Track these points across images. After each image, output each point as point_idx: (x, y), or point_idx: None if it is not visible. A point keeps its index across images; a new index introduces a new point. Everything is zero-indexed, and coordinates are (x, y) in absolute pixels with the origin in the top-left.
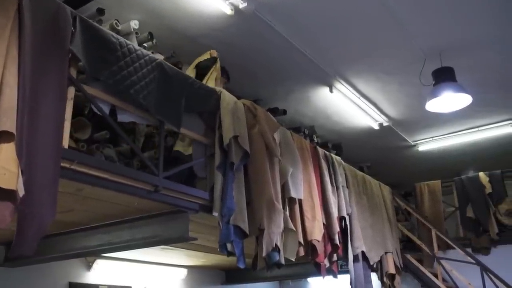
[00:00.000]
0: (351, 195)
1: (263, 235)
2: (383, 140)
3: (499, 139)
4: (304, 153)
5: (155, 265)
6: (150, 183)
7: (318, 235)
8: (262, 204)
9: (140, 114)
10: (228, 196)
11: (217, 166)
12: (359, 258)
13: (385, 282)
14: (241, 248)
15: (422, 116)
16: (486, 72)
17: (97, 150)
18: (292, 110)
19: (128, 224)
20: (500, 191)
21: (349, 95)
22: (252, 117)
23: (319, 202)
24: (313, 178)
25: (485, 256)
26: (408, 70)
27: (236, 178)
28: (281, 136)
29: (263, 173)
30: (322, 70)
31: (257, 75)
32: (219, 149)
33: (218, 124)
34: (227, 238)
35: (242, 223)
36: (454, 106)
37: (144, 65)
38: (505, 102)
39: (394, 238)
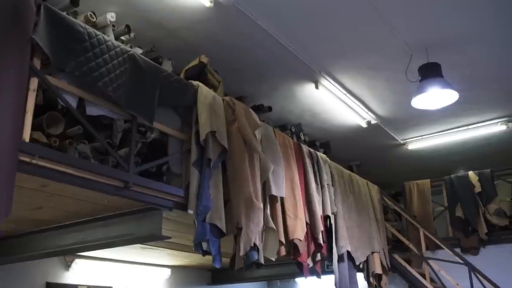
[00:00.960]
0: (336, 193)
1: (241, 233)
2: (372, 138)
3: (489, 137)
4: (287, 151)
5: (137, 264)
6: (120, 179)
7: (300, 234)
8: (240, 202)
9: (111, 107)
10: (204, 193)
11: (193, 162)
12: (344, 258)
13: (372, 282)
14: (217, 247)
15: (410, 114)
16: (474, 69)
17: (70, 146)
18: (278, 107)
19: (102, 222)
20: (490, 190)
21: (335, 91)
22: (232, 113)
23: (303, 200)
24: (296, 176)
25: (474, 257)
26: (394, 66)
27: (213, 175)
28: (263, 133)
29: (242, 170)
30: (306, 66)
31: (241, 71)
32: (195, 144)
33: (195, 119)
34: (203, 236)
35: (218, 221)
36: (441, 103)
37: (114, 56)
38: (494, 99)
39: (381, 238)
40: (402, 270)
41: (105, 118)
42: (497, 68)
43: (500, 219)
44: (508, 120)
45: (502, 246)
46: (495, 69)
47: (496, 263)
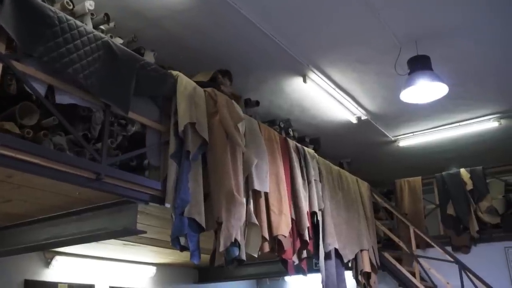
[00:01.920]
0: (324, 189)
1: (221, 228)
2: (363, 135)
3: (481, 134)
4: (273, 145)
5: (121, 262)
6: (91, 170)
7: (284, 230)
8: (221, 196)
9: (82, 95)
10: (182, 186)
11: (172, 154)
12: (332, 256)
13: (360, 280)
14: (196, 242)
15: (401, 110)
16: (465, 63)
17: (45, 137)
18: (267, 102)
19: (76, 216)
20: (482, 187)
21: (324, 86)
22: (214, 104)
23: (288, 195)
24: (282, 170)
25: (465, 255)
26: (383, 59)
27: (193, 168)
28: (247, 126)
29: (223, 163)
30: (294, 58)
31: (226, 64)
32: (174, 136)
33: (174, 110)
34: (180, 231)
35: (197, 216)
36: (430, 97)
37: (87, 43)
38: (486, 95)
39: (371, 236)
40: (392, 269)
41: (83, 110)
42: (488, 62)
43: (492, 217)
44: (501, 116)
45: (493, 245)
46: (487, 64)
47: (487, 262)
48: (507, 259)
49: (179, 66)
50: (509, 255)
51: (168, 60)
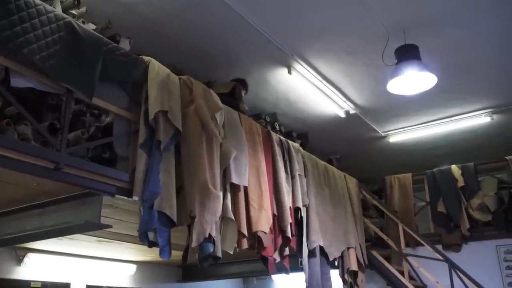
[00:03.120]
0: (309, 185)
1: (194, 223)
2: (352, 130)
3: (473, 130)
4: (254, 137)
5: (98, 260)
6: (50, 159)
7: (265, 226)
8: (195, 189)
9: (39, 78)
10: (152, 178)
11: (141, 144)
12: (316, 253)
13: (347, 279)
14: (166, 237)
15: (390, 103)
16: (455, 54)
17: (8, 126)
18: (252, 95)
19: (38, 210)
20: (473, 184)
21: (310, 77)
22: (189, 93)
23: (270, 190)
24: (263, 164)
25: (456, 254)
26: (371, 50)
27: (164, 159)
28: (226, 117)
29: (197, 155)
30: (278, 48)
31: (208, 54)
32: (144, 125)
33: (144, 97)
34: (149, 225)
35: (168, 209)
36: (418, 88)
37: (46, 22)
38: (477, 89)
39: (358, 233)
40: (380, 267)
41: (52, 98)
42: (480, 54)
43: (483, 215)
44: (493, 111)
45: (485, 243)
46: (478, 56)
47: (478, 260)
48: (499, 258)
49: (158, 55)
50: (500, 254)
51: (145, 49)
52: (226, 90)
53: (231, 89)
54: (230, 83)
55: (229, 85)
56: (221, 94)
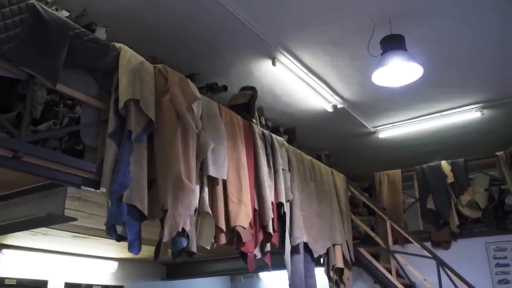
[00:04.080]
0: (294, 179)
1: (166, 217)
2: (340, 125)
3: (464, 126)
4: (235, 130)
5: (77, 256)
6: (8, 148)
7: (244, 221)
8: (168, 181)
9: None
10: (122, 169)
11: (110, 133)
12: (300, 250)
13: (332, 277)
14: (136, 231)
15: (379, 98)
16: (443, 46)
17: None
18: (236, 88)
19: (2, 202)
20: (463, 180)
21: (295, 69)
22: (164, 82)
23: (251, 184)
24: (244, 157)
25: (445, 251)
26: (357, 41)
27: (136, 150)
28: (204, 108)
29: (172, 146)
30: (261, 39)
31: (189, 44)
32: (114, 114)
33: (115, 86)
34: (117, 218)
35: (139, 202)
36: (404, 79)
37: (5, 4)
38: (467, 83)
39: (345, 230)
40: (367, 265)
41: (23, 87)
42: (468, 46)
43: (473, 211)
44: (483, 106)
45: (474, 240)
46: (467, 48)
47: (467, 258)
48: (488, 255)
49: (138, 46)
50: (490, 251)
51: (124, 39)
52: (245, 99)
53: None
54: (248, 93)
55: (247, 94)
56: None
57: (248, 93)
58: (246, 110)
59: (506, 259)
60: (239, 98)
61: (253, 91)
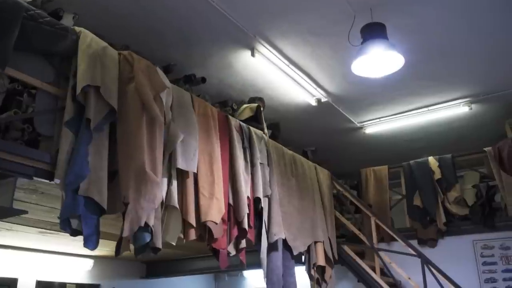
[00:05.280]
0: (273, 174)
1: (127, 210)
2: (326, 120)
3: (451, 121)
4: (208, 121)
5: (50, 254)
6: None
7: (215, 216)
8: (130, 172)
9: None
10: (78, 159)
11: (66, 122)
12: (278, 247)
13: (313, 275)
14: (93, 225)
15: (364, 91)
16: (427, 36)
17: None
18: (216, 80)
19: None
20: (450, 177)
21: (276, 61)
22: (130, 70)
23: (224, 178)
24: (218, 150)
25: (432, 249)
26: (337, 30)
27: (95, 140)
28: (175, 98)
29: (135, 136)
30: (239, 28)
31: (164, 34)
32: (71, 101)
33: (73, 71)
34: (72, 211)
35: (97, 195)
36: (385, 70)
37: None
38: (454, 76)
39: (328, 227)
40: (351, 263)
41: None
42: (454, 38)
43: (460, 208)
44: (471, 100)
45: (461, 238)
46: (452, 39)
47: (454, 256)
48: (475, 253)
49: (110, 35)
50: (477, 249)
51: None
52: (251, 113)
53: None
54: (253, 105)
55: (254, 106)
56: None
57: (254, 105)
58: (254, 120)
59: (494, 257)
60: (246, 112)
61: (260, 101)
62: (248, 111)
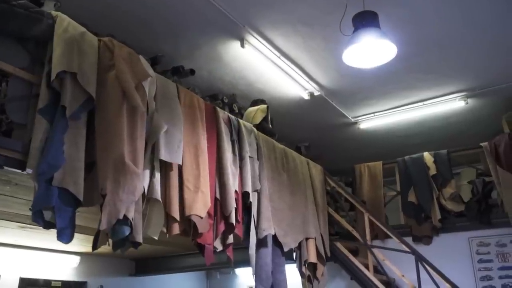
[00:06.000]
0: (263, 168)
1: (105, 202)
2: (319, 115)
3: (447, 116)
4: (195, 112)
5: (34, 250)
6: None
7: (200, 210)
8: (108, 163)
9: None
10: (53, 149)
11: (40, 109)
12: (268, 243)
13: (304, 272)
14: (68, 218)
15: (357, 84)
16: (421, 27)
17: None
18: (205, 73)
19: None
20: (446, 173)
21: (266, 52)
22: (111, 57)
23: (211, 171)
24: (204, 142)
25: (427, 246)
26: (329, 21)
27: (72, 129)
28: (159, 87)
29: (115, 126)
30: (228, 18)
31: (151, 24)
32: (46, 88)
33: (49, 57)
34: (45, 202)
35: (72, 186)
36: (377, 60)
37: None
38: (449, 69)
39: (320, 223)
40: (344, 260)
41: None
42: (448, 28)
43: (456, 204)
44: (467, 95)
45: (457, 235)
46: (447, 31)
47: (449, 253)
48: (471, 251)
49: (95, 25)
50: (473, 246)
51: (79, 16)
52: (264, 114)
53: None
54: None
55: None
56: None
57: (264, 106)
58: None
59: (489, 255)
60: (258, 114)
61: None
62: (261, 113)
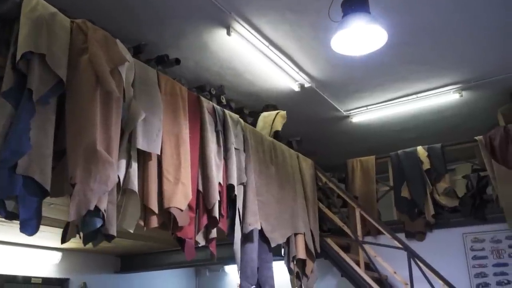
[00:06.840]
0: (249, 161)
1: (74, 192)
2: (310, 108)
3: (442, 110)
4: (177, 101)
5: (12, 246)
6: None
7: (181, 202)
8: (78, 150)
9: None
10: (16, 134)
11: (4, 92)
12: (254, 238)
13: (292, 269)
14: (33, 209)
15: (349, 75)
16: (413, 15)
17: None
18: (192, 63)
19: None
20: (440, 167)
21: (254, 41)
22: (84, 39)
23: (193, 162)
24: (186, 132)
25: (420, 242)
26: (318, 7)
27: (40, 114)
28: (137, 73)
29: (87, 112)
30: (213, 4)
31: (132, 10)
32: (11, 70)
33: (15, 38)
34: (8, 191)
35: (38, 175)
36: (368, 47)
37: None
38: (443, 60)
39: (310, 218)
40: (334, 256)
41: None
42: (441, 16)
43: (449, 199)
44: (462, 87)
45: (451, 231)
46: (440, 18)
47: (443, 249)
48: (465, 247)
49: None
50: (467, 243)
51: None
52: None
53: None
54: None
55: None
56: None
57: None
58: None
59: (484, 251)
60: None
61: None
62: (280, 118)
